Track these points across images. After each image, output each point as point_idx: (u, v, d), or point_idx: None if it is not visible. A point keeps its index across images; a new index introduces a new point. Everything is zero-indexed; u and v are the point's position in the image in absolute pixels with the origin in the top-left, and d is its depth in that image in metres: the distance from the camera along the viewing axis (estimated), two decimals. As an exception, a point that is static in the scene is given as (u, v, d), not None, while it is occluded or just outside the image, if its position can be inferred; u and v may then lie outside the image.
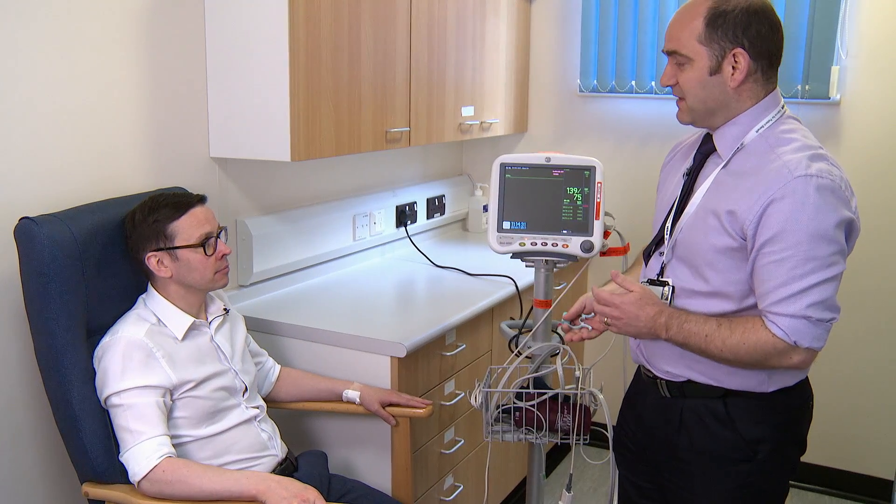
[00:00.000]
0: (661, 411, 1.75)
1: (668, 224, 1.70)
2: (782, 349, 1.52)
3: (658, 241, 1.73)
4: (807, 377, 1.72)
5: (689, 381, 1.69)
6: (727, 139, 1.64)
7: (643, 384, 1.82)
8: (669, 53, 1.65)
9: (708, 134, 1.70)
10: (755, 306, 1.60)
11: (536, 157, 2.02)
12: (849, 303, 3.08)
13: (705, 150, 1.70)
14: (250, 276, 2.51)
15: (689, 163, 1.73)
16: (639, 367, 1.84)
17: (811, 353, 1.54)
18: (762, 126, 1.61)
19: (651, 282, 1.71)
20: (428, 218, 3.41)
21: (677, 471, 1.74)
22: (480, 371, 2.62)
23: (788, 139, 1.58)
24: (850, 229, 1.54)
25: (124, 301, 1.89)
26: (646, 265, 1.78)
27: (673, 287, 1.67)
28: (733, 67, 1.59)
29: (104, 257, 1.85)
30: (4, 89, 1.83)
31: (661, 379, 1.73)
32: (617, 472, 1.92)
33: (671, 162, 1.85)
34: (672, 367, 1.70)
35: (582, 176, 1.98)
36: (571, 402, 1.98)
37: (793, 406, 1.69)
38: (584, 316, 1.91)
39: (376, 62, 2.49)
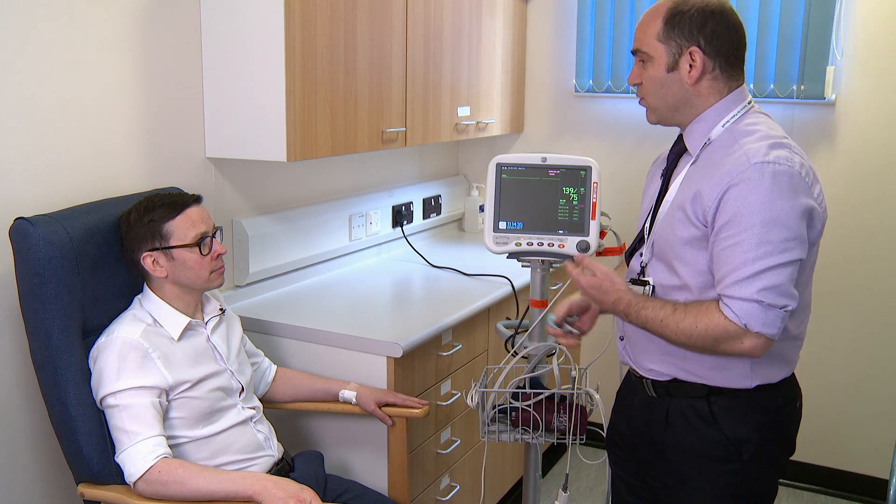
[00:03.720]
0: (648, 411, 1.76)
1: (647, 224, 1.73)
2: (733, 332, 1.52)
3: (638, 242, 1.76)
4: (793, 375, 1.73)
5: (675, 381, 1.70)
6: (695, 136, 1.68)
7: (632, 384, 1.83)
8: (635, 52, 1.71)
9: (680, 135, 1.74)
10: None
11: (532, 158, 2.02)
12: (842, 302, 3.12)
13: (677, 149, 1.74)
14: (246, 276, 2.51)
15: (664, 165, 1.77)
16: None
17: (763, 340, 1.52)
18: (728, 121, 1.65)
19: (633, 281, 1.74)
20: (424, 218, 3.41)
21: (665, 470, 1.75)
22: (477, 371, 2.62)
23: (751, 130, 1.61)
24: (810, 217, 1.55)
25: (120, 301, 1.89)
26: (628, 266, 1.80)
27: (653, 287, 1.69)
28: (690, 66, 1.63)
29: (100, 258, 1.85)
30: (0, 89, 1.83)
31: (647, 378, 1.74)
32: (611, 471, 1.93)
33: (651, 171, 1.89)
34: (656, 364, 1.72)
35: (578, 176, 1.98)
36: (568, 402, 1.98)
37: (777, 406, 1.69)
38: (569, 319, 1.96)
39: (372, 62, 2.49)
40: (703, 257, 1.60)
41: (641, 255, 1.75)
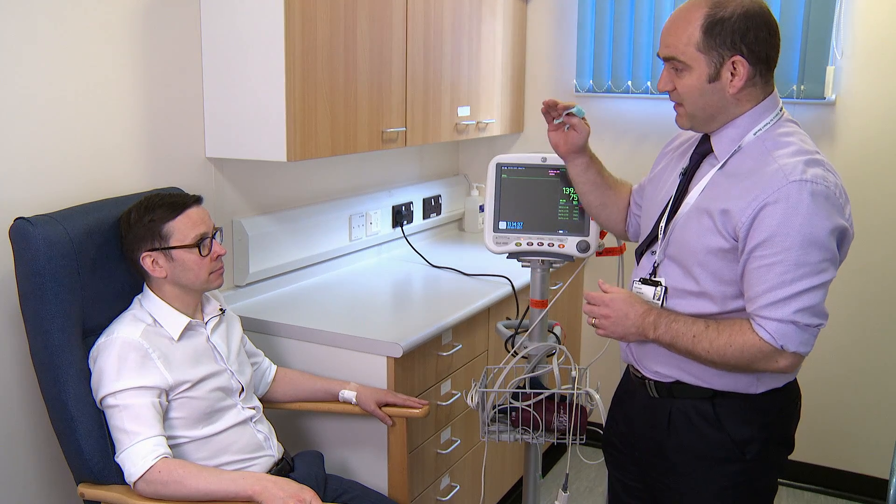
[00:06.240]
0: (650, 412, 1.75)
1: (662, 223, 1.70)
2: (768, 352, 1.53)
3: (651, 241, 1.73)
4: (795, 378, 1.73)
5: (678, 382, 1.69)
6: (724, 141, 1.63)
7: (632, 384, 1.82)
8: (666, 59, 1.64)
9: (705, 135, 1.69)
10: (736, 310, 1.60)
11: (532, 157, 2.03)
12: (843, 302, 3.11)
13: (702, 150, 1.69)
14: (246, 276, 2.51)
15: (685, 162, 1.73)
16: (627, 366, 1.84)
17: (797, 358, 1.54)
18: (760, 129, 1.61)
19: (643, 281, 1.71)
20: (424, 218, 3.41)
21: (666, 471, 1.74)
22: (477, 371, 2.62)
23: (786, 143, 1.58)
24: (842, 237, 1.54)
25: (120, 301, 1.89)
26: (637, 264, 1.78)
27: (666, 287, 1.67)
28: (732, 74, 1.57)
29: (100, 257, 1.85)
30: (0, 89, 1.83)
31: (650, 379, 1.73)
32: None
33: (669, 154, 1.84)
34: (662, 367, 1.70)
35: (578, 176, 1.98)
36: (568, 401, 1.98)
37: (781, 406, 1.69)
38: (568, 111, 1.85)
39: (372, 62, 2.49)
40: (729, 268, 1.58)
41: (654, 253, 1.72)
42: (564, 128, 1.86)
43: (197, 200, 1.90)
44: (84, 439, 1.74)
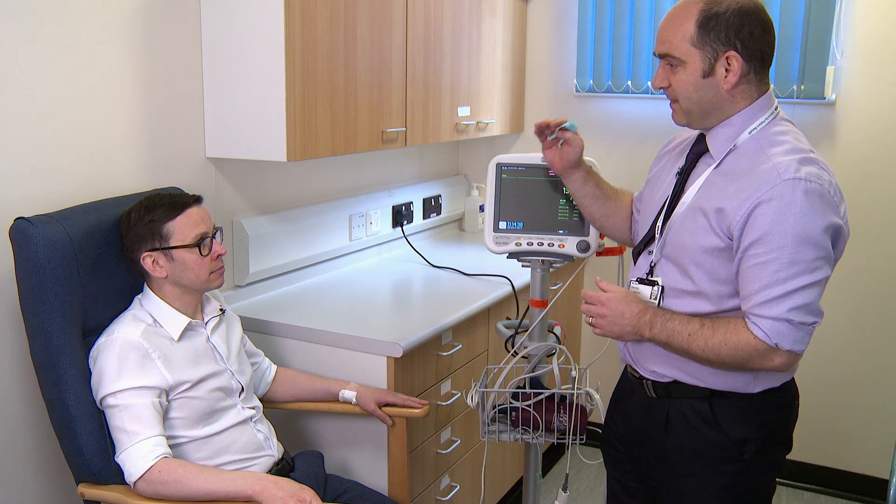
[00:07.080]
0: (648, 412, 1.75)
1: (659, 224, 1.70)
2: (763, 351, 1.53)
3: (648, 240, 1.74)
4: (793, 377, 1.73)
5: (675, 382, 1.69)
6: (720, 140, 1.64)
7: (630, 384, 1.82)
8: (662, 56, 1.65)
9: (701, 134, 1.70)
10: (733, 309, 1.61)
11: (532, 157, 2.03)
12: (842, 302, 3.12)
13: (698, 150, 1.70)
14: (246, 276, 2.51)
15: (681, 162, 1.73)
16: (625, 366, 1.85)
17: (793, 356, 1.54)
18: (755, 127, 1.61)
19: (640, 281, 1.72)
20: (424, 218, 3.41)
21: (664, 471, 1.74)
22: (477, 371, 2.62)
23: (780, 141, 1.58)
24: (837, 235, 1.54)
25: (120, 301, 1.89)
26: (635, 264, 1.78)
27: (662, 287, 1.68)
28: (726, 70, 1.58)
29: (100, 257, 1.85)
30: (0, 89, 1.83)
31: (648, 379, 1.74)
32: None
33: (666, 155, 1.85)
34: (659, 367, 1.71)
35: (578, 176, 1.98)
36: (568, 401, 1.98)
37: (778, 406, 1.69)
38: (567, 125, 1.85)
39: (372, 62, 2.49)
40: (724, 267, 1.58)
41: (651, 253, 1.72)
42: (558, 144, 1.86)
43: (197, 200, 1.90)
44: (84, 439, 1.74)
